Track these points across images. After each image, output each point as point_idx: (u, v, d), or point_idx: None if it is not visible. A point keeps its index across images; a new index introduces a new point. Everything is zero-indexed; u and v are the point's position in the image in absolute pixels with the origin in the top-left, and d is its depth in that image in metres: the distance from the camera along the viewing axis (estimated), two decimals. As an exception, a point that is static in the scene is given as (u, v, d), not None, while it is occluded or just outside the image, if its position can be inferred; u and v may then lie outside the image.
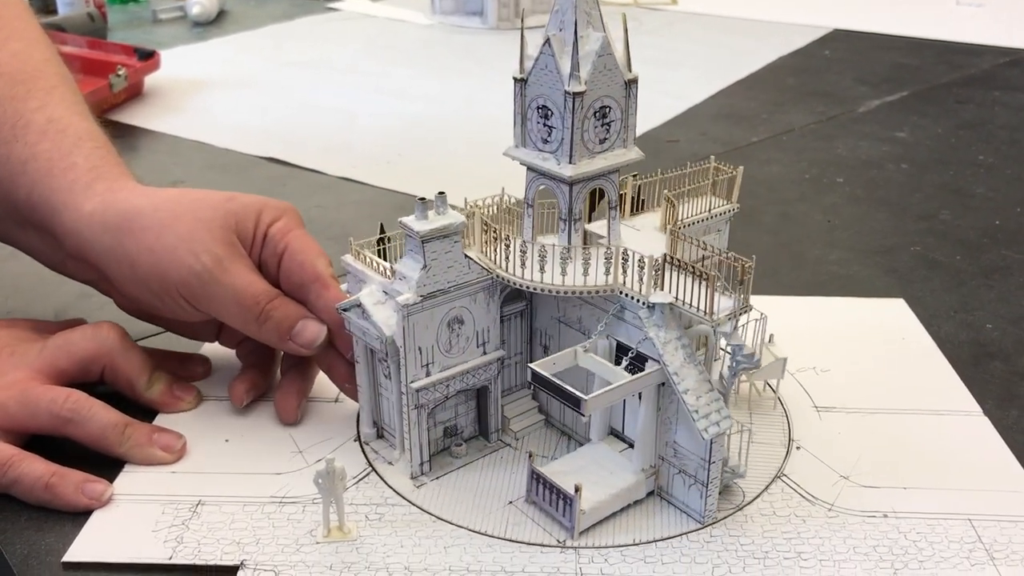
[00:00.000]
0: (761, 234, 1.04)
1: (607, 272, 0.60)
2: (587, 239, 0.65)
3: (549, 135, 0.61)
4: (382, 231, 0.66)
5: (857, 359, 0.78)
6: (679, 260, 0.58)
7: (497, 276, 0.63)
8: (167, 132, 1.35)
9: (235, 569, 0.57)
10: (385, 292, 0.62)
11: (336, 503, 0.59)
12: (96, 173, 0.69)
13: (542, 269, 0.61)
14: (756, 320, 0.62)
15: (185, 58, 1.77)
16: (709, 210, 0.68)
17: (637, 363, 0.60)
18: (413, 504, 0.62)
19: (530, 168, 0.63)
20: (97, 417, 0.65)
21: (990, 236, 1.04)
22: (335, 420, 0.71)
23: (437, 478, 0.65)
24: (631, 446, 0.64)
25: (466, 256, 0.62)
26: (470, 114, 1.47)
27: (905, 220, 1.08)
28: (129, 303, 0.73)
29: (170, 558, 0.57)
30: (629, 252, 0.60)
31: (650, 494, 0.63)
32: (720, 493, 0.61)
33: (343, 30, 2.07)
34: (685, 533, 0.60)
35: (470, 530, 0.60)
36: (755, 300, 0.60)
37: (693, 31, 2.02)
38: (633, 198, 0.69)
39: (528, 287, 0.61)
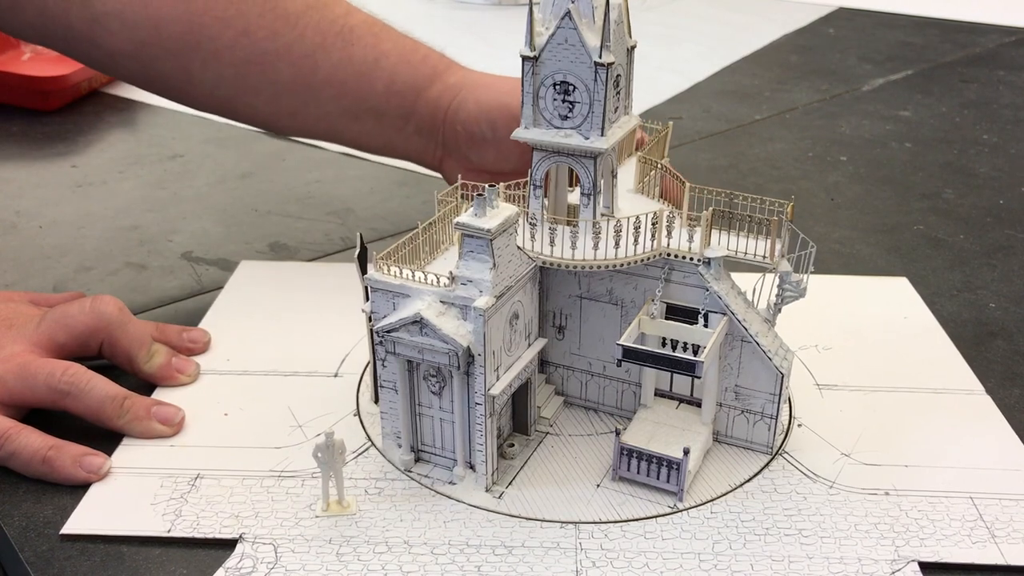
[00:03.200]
0: (764, 212, 1.03)
1: (635, 241, 0.60)
2: (571, 212, 0.65)
3: (571, 111, 0.60)
4: (362, 243, 0.64)
5: (859, 337, 0.78)
6: (731, 212, 0.61)
7: (551, 263, 0.61)
8: (166, 106, 1.34)
9: (234, 542, 0.57)
10: (443, 301, 0.58)
11: (335, 477, 0.59)
12: (446, 60, 0.84)
13: (573, 246, 0.60)
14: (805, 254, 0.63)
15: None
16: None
17: (696, 319, 0.62)
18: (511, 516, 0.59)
19: (543, 148, 0.62)
20: (95, 390, 0.64)
21: (994, 215, 1.03)
22: (334, 394, 0.70)
23: (510, 483, 0.62)
24: (681, 402, 0.66)
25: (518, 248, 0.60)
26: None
27: (908, 199, 1.07)
28: (459, 165, 0.81)
29: (168, 531, 0.57)
30: (666, 214, 0.61)
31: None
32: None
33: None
34: (686, 509, 0.60)
35: (590, 522, 0.58)
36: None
37: (696, 8, 2.00)
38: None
39: (581, 267, 0.60)
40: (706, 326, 0.62)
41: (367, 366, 0.73)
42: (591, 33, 0.58)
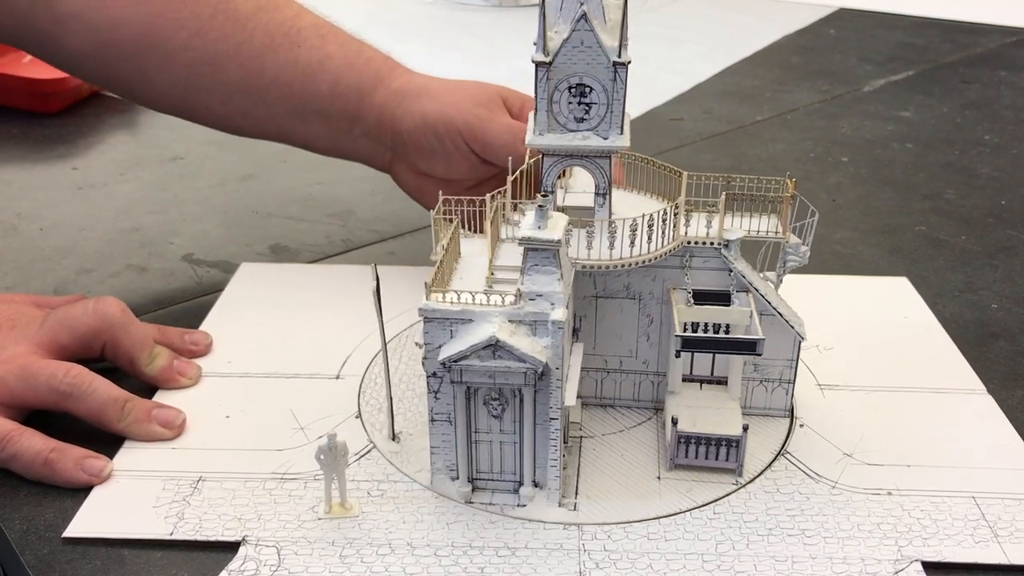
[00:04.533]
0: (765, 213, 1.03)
1: (649, 236, 0.61)
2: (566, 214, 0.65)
3: (587, 112, 0.60)
4: (377, 277, 0.62)
5: (861, 338, 0.78)
6: (744, 194, 0.64)
7: (596, 266, 0.61)
8: (167, 109, 1.34)
9: (236, 545, 0.57)
10: (511, 321, 0.56)
11: (338, 479, 0.59)
12: (391, 63, 0.84)
13: (589, 246, 0.61)
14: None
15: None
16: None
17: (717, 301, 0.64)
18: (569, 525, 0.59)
19: (556, 153, 0.61)
20: (97, 392, 0.64)
21: (995, 216, 1.03)
22: (336, 396, 0.70)
23: (577, 494, 0.61)
24: (702, 383, 0.67)
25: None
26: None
27: (910, 199, 1.07)
28: (408, 171, 0.83)
29: (171, 534, 0.57)
30: (682, 205, 0.63)
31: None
32: None
33: (344, 5, 2.05)
34: (689, 510, 0.60)
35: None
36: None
37: (697, 8, 2.00)
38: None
39: (616, 266, 0.61)
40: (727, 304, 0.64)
41: (365, 372, 0.73)
42: (606, 33, 0.58)
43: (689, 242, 0.63)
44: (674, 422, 0.62)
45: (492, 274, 0.60)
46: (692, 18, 1.92)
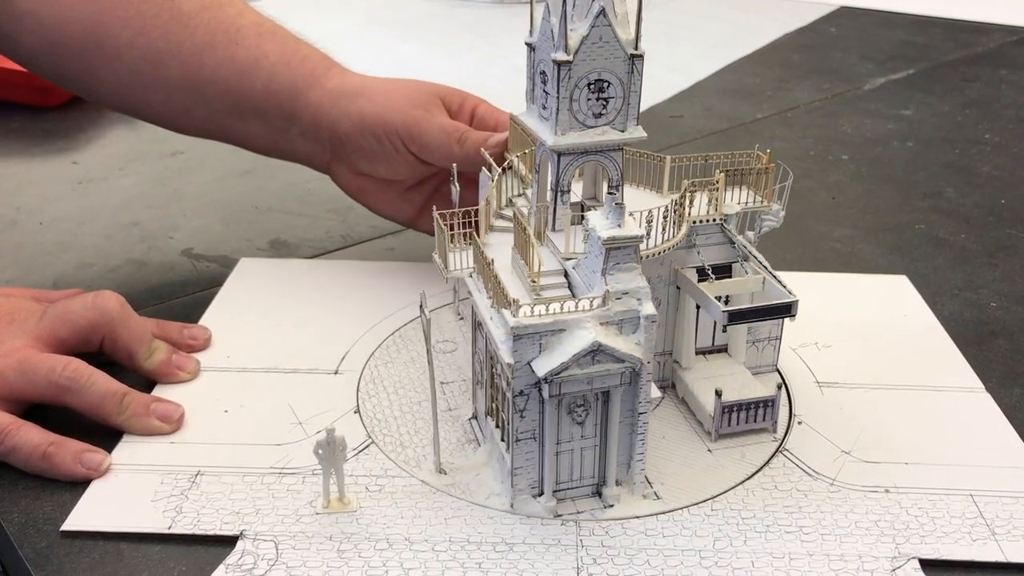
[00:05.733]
0: (765, 210, 1.03)
1: (663, 227, 0.63)
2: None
3: (605, 107, 0.60)
4: (424, 305, 0.60)
5: (860, 335, 0.78)
6: (735, 170, 0.67)
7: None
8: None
9: (234, 539, 0.57)
10: (603, 323, 0.55)
11: (336, 474, 0.59)
12: (328, 63, 0.84)
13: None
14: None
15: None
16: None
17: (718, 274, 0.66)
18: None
19: (573, 151, 0.61)
20: (96, 386, 0.64)
21: (995, 215, 1.03)
22: (335, 391, 0.70)
23: (650, 482, 0.62)
24: (705, 354, 0.70)
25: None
26: (473, 88, 1.46)
27: (910, 198, 1.07)
28: (348, 171, 0.82)
29: (169, 528, 0.57)
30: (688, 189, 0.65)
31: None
32: None
33: (346, 2, 2.05)
34: (687, 507, 0.60)
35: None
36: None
37: (698, 6, 2.00)
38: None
39: (650, 255, 0.62)
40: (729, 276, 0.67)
41: (364, 367, 0.73)
42: (621, 28, 0.58)
43: (694, 222, 0.65)
44: (718, 394, 0.64)
45: (535, 281, 0.59)
46: (693, 16, 1.92)
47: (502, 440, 0.61)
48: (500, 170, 0.69)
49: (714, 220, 0.66)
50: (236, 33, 0.81)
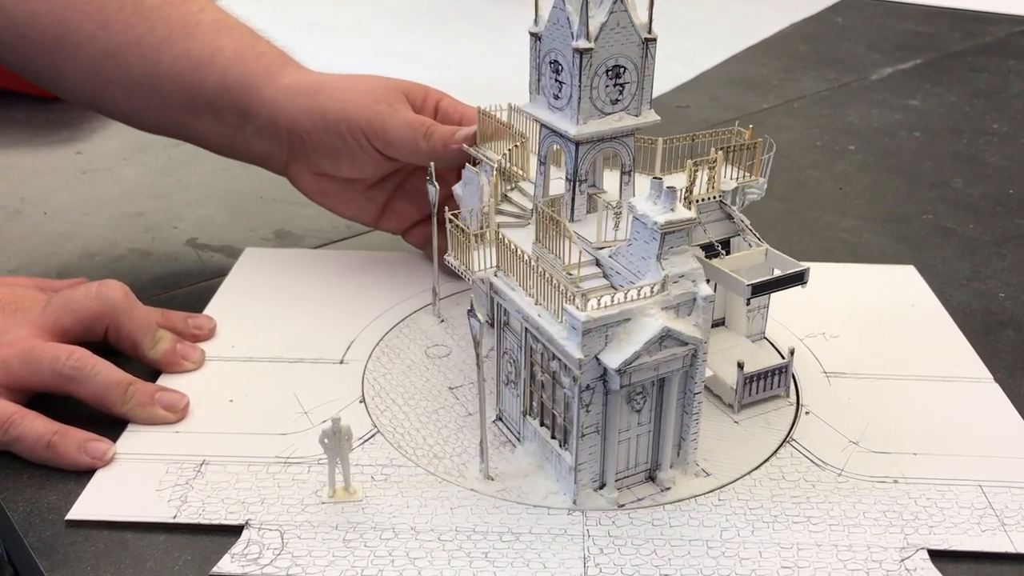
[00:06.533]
0: (772, 201, 1.02)
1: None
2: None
3: (621, 93, 0.60)
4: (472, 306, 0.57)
5: (867, 325, 0.77)
6: (729, 147, 0.67)
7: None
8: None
9: (240, 529, 0.56)
10: (664, 308, 0.56)
11: (342, 463, 0.58)
12: (284, 59, 0.82)
13: (616, 227, 0.61)
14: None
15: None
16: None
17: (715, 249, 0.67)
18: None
19: (591, 140, 0.61)
20: (100, 375, 0.64)
21: (1003, 205, 1.02)
22: (340, 381, 0.70)
23: (698, 463, 0.62)
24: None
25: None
26: (476, 79, 1.45)
27: (917, 188, 1.07)
28: (307, 171, 0.81)
29: (174, 517, 0.57)
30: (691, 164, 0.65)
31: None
32: None
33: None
34: (694, 496, 0.59)
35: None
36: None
37: (704, -3, 1.99)
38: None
39: None
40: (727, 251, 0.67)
41: (369, 357, 0.72)
42: (633, 12, 0.58)
43: (697, 200, 0.65)
44: (741, 366, 0.65)
45: (570, 273, 0.59)
46: (699, 6, 1.91)
47: (553, 438, 0.60)
48: (495, 166, 0.68)
49: (713, 197, 0.66)
50: (195, 28, 0.80)
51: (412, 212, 0.84)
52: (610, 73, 0.59)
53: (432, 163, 0.73)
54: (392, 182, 0.83)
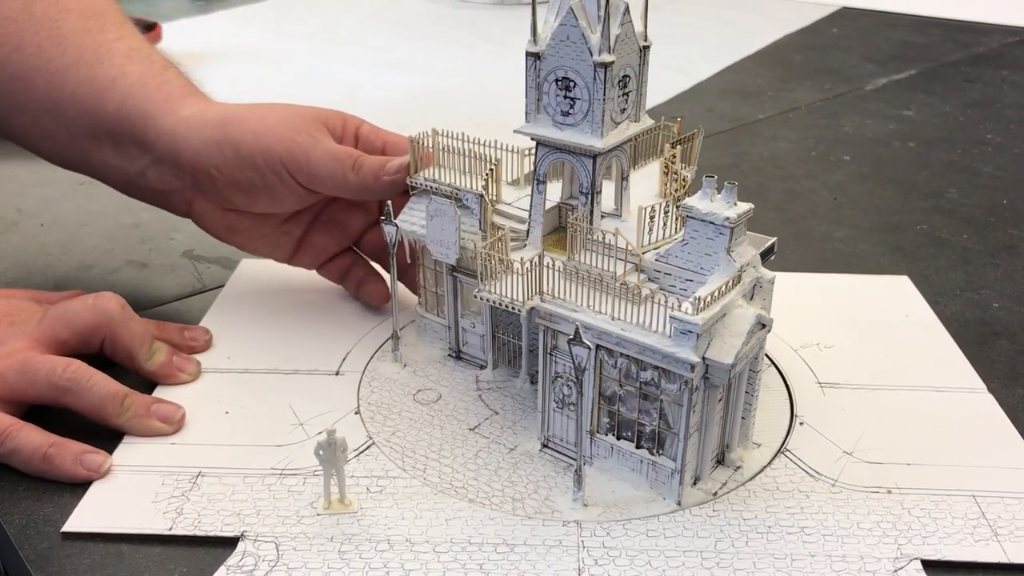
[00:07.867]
0: (767, 211, 1.03)
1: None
2: (562, 213, 0.67)
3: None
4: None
5: (861, 336, 0.78)
6: (678, 140, 0.70)
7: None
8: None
9: (235, 540, 0.56)
10: (744, 297, 0.58)
11: (337, 475, 0.59)
12: (189, 90, 0.77)
13: (651, 230, 0.62)
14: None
15: (187, 31, 1.76)
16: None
17: None
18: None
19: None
20: (96, 387, 0.64)
21: (997, 215, 1.03)
22: (336, 392, 0.70)
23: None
24: None
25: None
26: (474, 89, 1.46)
27: (912, 198, 1.07)
28: (215, 209, 0.77)
29: (170, 529, 0.57)
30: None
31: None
32: None
33: (347, 2, 2.06)
34: (688, 507, 0.59)
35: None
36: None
37: (699, 7, 2.00)
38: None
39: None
40: None
41: (365, 368, 0.72)
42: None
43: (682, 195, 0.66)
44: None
45: (625, 284, 0.58)
46: (694, 16, 1.92)
47: (639, 447, 0.60)
48: (483, 183, 0.67)
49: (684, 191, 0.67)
50: (105, 54, 0.76)
51: (330, 245, 0.80)
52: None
53: (389, 202, 0.69)
54: (308, 214, 0.79)
